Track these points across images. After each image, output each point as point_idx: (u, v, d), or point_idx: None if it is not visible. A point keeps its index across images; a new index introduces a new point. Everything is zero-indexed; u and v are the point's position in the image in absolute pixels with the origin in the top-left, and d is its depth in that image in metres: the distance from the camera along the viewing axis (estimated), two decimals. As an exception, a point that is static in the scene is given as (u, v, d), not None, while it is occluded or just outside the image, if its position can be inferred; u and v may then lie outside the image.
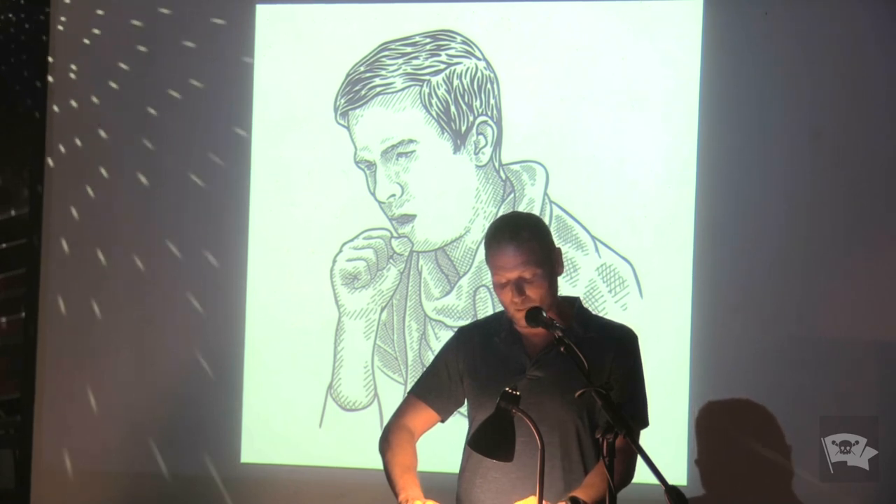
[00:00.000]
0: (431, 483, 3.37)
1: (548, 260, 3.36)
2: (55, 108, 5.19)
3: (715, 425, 4.61)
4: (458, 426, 3.58)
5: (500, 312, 3.54)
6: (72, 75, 5.19)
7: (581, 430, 3.38)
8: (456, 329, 3.65)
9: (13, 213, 5.34)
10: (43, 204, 5.18)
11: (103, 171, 5.13)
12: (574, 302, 3.51)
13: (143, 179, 5.10)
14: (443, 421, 3.54)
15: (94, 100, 5.16)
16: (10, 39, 5.33)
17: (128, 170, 5.12)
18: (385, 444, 3.47)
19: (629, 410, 3.19)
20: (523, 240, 3.32)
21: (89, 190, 5.14)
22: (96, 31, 5.18)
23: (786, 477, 4.51)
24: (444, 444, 3.68)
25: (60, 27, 5.22)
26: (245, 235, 4.98)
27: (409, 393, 3.58)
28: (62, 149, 5.17)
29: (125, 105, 5.14)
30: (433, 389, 3.51)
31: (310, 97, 4.97)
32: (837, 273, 4.57)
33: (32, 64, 5.29)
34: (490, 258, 3.39)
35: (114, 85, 5.15)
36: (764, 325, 4.59)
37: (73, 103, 5.18)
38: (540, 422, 3.14)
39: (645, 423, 3.41)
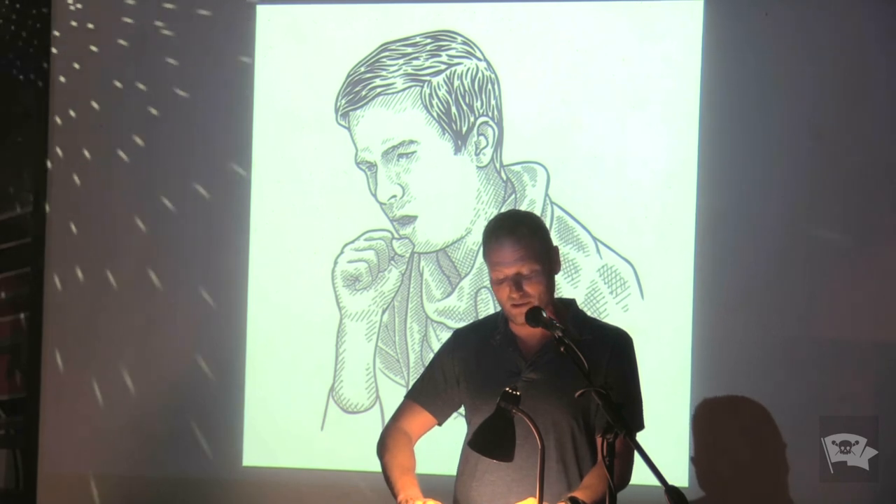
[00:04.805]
0: (429, 485, 3.37)
1: (546, 257, 3.37)
2: (56, 109, 5.19)
3: (716, 425, 4.62)
4: (456, 428, 3.58)
5: (496, 314, 3.55)
6: (71, 78, 5.19)
7: (577, 431, 3.38)
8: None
9: (17, 211, 5.34)
10: (46, 203, 5.19)
11: (105, 172, 5.14)
12: (570, 304, 3.52)
13: (144, 181, 5.10)
14: (440, 424, 3.55)
15: (95, 100, 5.16)
16: (11, 41, 5.34)
17: (129, 171, 5.12)
18: (383, 446, 3.49)
19: (625, 413, 3.19)
20: (522, 235, 3.33)
21: (91, 190, 5.15)
22: (95, 31, 5.18)
23: (786, 477, 4.52)
24: (442, 445, 3.67)
25: (61, 28, 5.21)
26: (246, 236, 4.98)
27: (405, 397, 3.59)
28: (64, 148, 5.18)
29: (126, 106, 5.14)
30: (429, 393, 3.52)
31: (310, 98, 4.97)
32: (837, 273, 4.58)
33: (33, 65, 5.29)
34: (488, 254, 3.39)
35: (114, 85, 5.15)
36: (764, 325, 4.60)
37: (74, 103, 5.18)
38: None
39: (641, 426, 3.41)
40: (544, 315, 3.24)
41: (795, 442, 4.52)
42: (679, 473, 4.54)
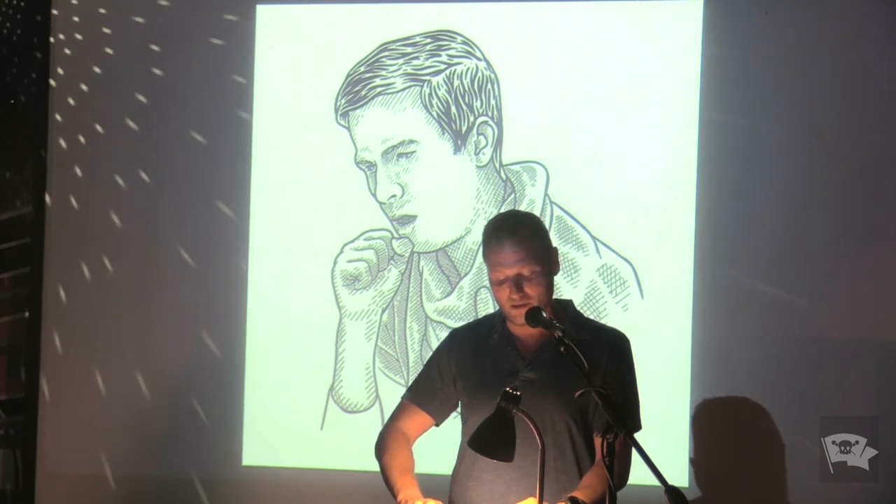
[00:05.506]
0: (428, 485, 3.37)
1: (546, 258, 3.37)
2: (56, 107, 5.20)
3: (715, 425, 4.62)
4: (454, 428, 3.58)
5: (493, 313, 3.56)
6: (70, 78, 5.19)
7: (574, 430, 3.38)
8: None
9: (16, 212, 5.34)
10: (45, 203, 5.19)
11: (105, 171, 5.14)
12: (567, 304, 3.52)
13: (144, 180, 5.11)
14: (437, 424, 3.55)
15: (94, 100, 5.16)
16: (11, 39, 5.34)
17: (129, 171, 5.12)
18: (381, 447, 3.49)
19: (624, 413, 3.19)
20: (522, 237, 3.33)
21: (92, 191, 5.15)
22: (97, 30, 5.19)
23: (786, 477, 4.52)
24: (440, 445, 3.67)
25: (61, 27, 5.22)
26: (246, 236, 4.98)
27: (402, 397, 3.59)
28: (64, 148, 5.18)
29: (126, 105, 5.14)
30: (426, 393, 3.52)
31: (310, 98, 4.97)
32: (837, 273, 4.58)
33: (33, 65, 5.29)
34: (488, 255, 3.39)
35: (114, 84, 5.15)
36: (764, 325, 4.60)
37: (74, 103, 5.18)
38: (533, 423, 3.15)
39: (638, 427, 3.41)
40: (544, 315, 3.25)
41: (795, 442, 4.52)
42: (679, 473, 4.54)
